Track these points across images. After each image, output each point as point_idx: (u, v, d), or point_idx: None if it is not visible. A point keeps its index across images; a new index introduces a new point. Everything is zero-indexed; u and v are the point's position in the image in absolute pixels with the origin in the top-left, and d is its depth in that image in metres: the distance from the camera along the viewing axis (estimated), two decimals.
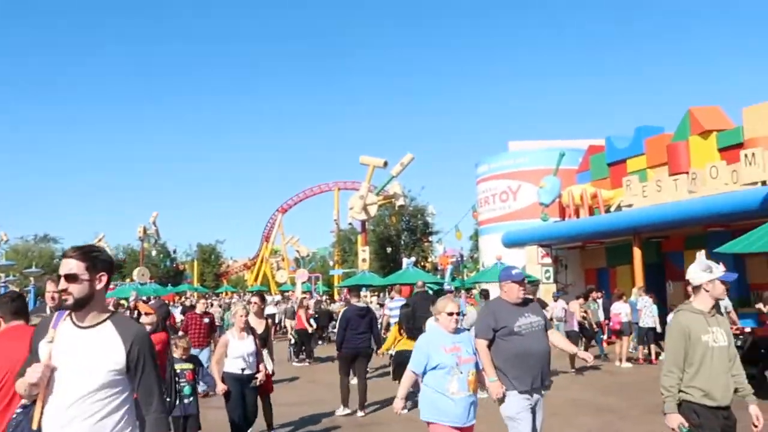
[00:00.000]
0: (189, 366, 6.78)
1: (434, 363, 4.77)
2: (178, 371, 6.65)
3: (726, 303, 12.84)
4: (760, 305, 13.66)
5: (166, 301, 21.52)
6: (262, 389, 7.70)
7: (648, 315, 14.86)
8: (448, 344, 4.84)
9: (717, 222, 15.68)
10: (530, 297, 5.52)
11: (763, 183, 14.74)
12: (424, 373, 4.86)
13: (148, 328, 6.03)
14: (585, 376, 13.29)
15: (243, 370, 7.22)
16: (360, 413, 9.77)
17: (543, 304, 15.34)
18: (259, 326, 8.17)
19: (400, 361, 10.65)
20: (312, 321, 18.44)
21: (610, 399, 10.51)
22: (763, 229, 7.83)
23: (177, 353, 6.83)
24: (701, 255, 4.33)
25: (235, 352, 7.22)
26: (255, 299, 8.56)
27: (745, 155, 15.45)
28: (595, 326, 16.04)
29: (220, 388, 7.07)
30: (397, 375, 10.77)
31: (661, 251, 20.36)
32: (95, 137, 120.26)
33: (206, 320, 11.94)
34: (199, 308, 12.38)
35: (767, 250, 7.38)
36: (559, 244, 21.37)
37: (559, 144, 24.90)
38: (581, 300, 16.02)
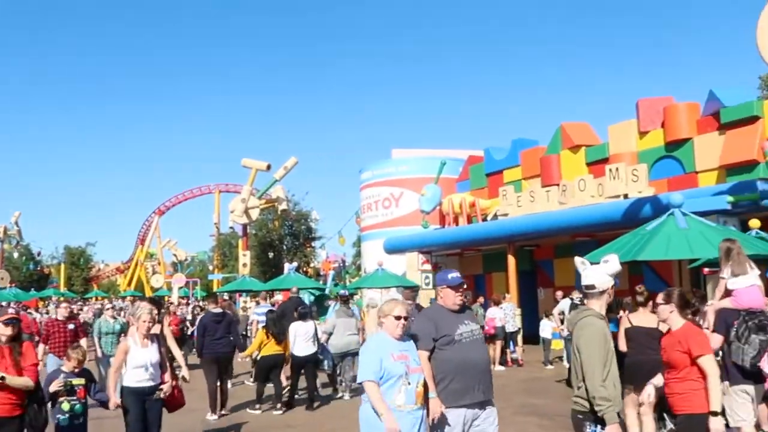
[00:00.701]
0: (81, 381, 6.10)
1: (382, 371, 4.38)
2: (69, 387, 6.01)
3: None
4: (621, 312, 14.55)
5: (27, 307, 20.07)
6: (172, 403, 6.87)
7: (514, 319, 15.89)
8: (396, 351, 4.47)
9: (584, 232, 16.60)
10: (467, 304, 5.21)
11: (625, 196, 15.78)
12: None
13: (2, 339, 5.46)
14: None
15: (144, 381, 6.52)
16: (214, 416, 10.04)
17: (420, 308, 15.66)
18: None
19: (265, 364, 10.76)
20: (187, 327, 17.88)
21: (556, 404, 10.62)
22: (624, 239, 8.38)
23: (68, 366, 6.18)
24: (581, 260, 4.37)
25: (135, 362, 6.47)
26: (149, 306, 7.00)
27: (610, 170, 16.50)
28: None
29: (113, 403, 6.33)
30: (260, 377, 10.84)
31: (534, 259, 21.32)
32: None
33: (71, 326, 11.09)
34: (61, 314, 11.28)
35: (627, 259, 7.90)
36: (439, 251, 21.88)
37: (441, 153, 25.54)
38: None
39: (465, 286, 4.92)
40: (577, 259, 4.37)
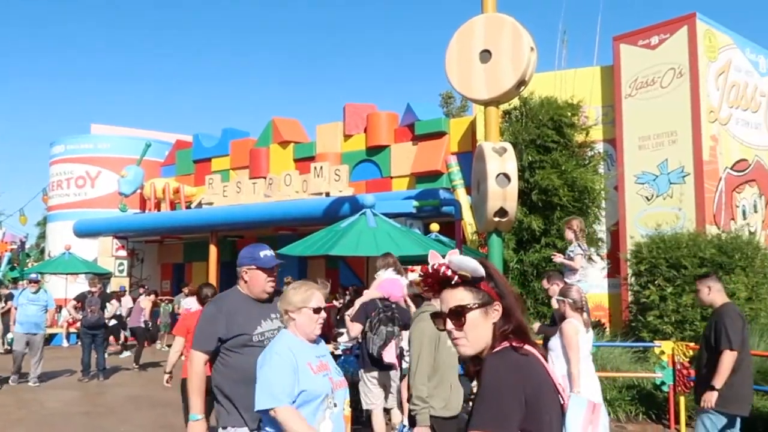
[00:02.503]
0: None
1: (299, 391, 3.00)
2: None
3: None
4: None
5: None
6: None
7: None
8: (314, 360, 3.12)
9: (287, 225, 16.98)
10: (279, 290, 3.87)
11: (327, 194, 16.50)
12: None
13: None
14: (149, 372, 13.08)
15: None
16: None
17: (108, 298, 14.62)
18: None
19: None
20: None
21: (171, 394, 10.38)
22: (320, 233, 8.71)
23: None
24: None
25: None
26: None
27: (315, 167, 17.11)
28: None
29: None
30: None
31: (236, 250, 21.23)
32: None
33: None
34: None
35: (320, 253, 8.21)
36: (137, 237, 20.67)
37: (146, 134, 24.15)
38: (152, 296, 15.77)
39: (278, 268, 3.80)
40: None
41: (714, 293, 5.23)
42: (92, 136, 23.56)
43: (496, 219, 6.55)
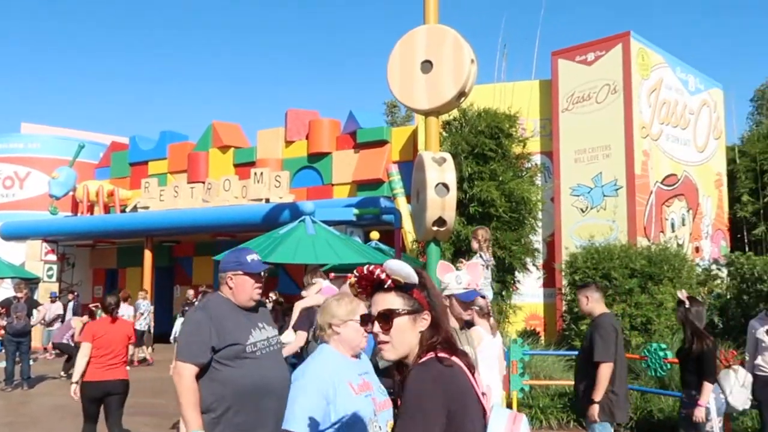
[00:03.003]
0: None
1: (338, 416, 2.60)
2: None
3: None
4: None
5: None
6: None
7: (148, 318, 15.18)
8: (356, 379, 2.78)
9: (225, 231, 16.71)
10: (264, 300, 3.83)
11: (267, 200, 16.33)
12: None
13: None
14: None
15: None
16: None
17: (35, 304, 14.08)
18: None
19: None
20: None
21: None
22: (258, 240, 8.59)
23: None
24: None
25: None
26: None
27: (255, 173, 16.92)
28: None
29: None
30: None
31: (173, 256, 20.78)
32: None
33: None
34: None
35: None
36: (68, 241, 19.99)
37: (80, 134, 23.41)
38: (86, 317, 15.19)
39: (265, 274, 3.58)
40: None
41: (592, 303, 5.35)
42: (22, 135, 22.72)
43: (435, 228, 6.59)
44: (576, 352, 9.00)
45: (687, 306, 5.39)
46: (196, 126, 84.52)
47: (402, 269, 1.91)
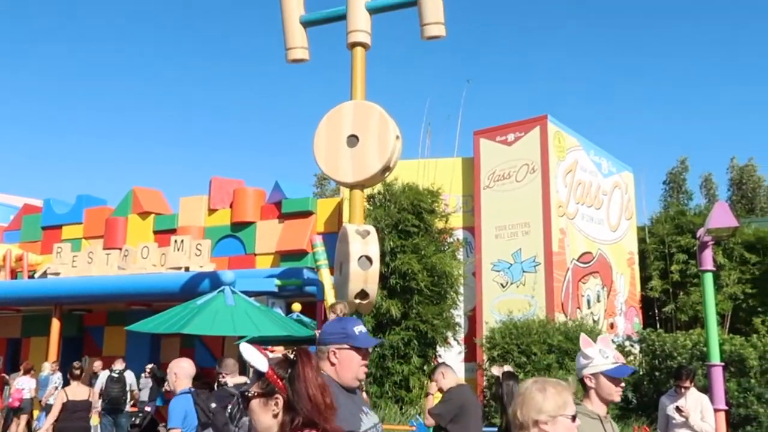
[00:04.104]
0: None
1: None
2: None
3: None
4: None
5: None
6: None
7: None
8: None
9: (141, 300, 16.09)
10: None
11: (187, 269, 15.89)
12: None
13: None
14: None
15: None
16: None
17: None
18: None
19: None
20: None
21: None
22: (175, 310, 8.32)
23: None
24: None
25: None
26: None
27: (175, 240, 16.51)
28: None
29: None
30: None
31: (83, 325, 19.78)
32: None
33: None
34: None
35: (173, 330, 7.81)
36: None
37: None
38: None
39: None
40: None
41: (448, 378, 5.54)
42: None
43: (357, 301, 6.56)
44: (495, 429, 8.99)
45: (500, 381, 5.45)
46: (115, 191, 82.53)
47: (249, 357, 1.93)
